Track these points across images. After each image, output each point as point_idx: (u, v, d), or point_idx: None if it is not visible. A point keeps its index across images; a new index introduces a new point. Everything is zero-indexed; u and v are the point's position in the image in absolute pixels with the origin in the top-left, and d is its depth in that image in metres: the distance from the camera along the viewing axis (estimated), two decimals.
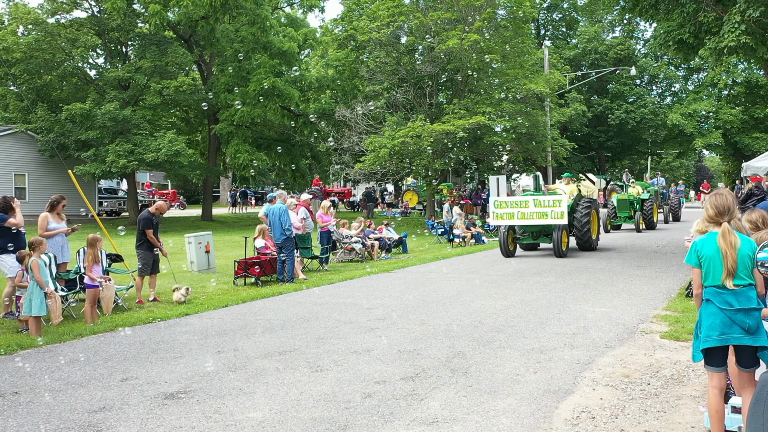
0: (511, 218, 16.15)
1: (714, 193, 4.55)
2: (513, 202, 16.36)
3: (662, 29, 17.55)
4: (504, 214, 16.21)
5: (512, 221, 16.23)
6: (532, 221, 15.98)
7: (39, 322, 8.31)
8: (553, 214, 15.64)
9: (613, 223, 24.81)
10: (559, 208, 15.60)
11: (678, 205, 30.31)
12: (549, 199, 15.79)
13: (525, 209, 15.92)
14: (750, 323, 4.18)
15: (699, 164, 76.20)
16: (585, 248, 17.19)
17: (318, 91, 33.19)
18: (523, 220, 16.06)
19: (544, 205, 15.74)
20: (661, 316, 8.72)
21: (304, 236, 14.84)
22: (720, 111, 41.89)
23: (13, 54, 27.91)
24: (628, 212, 24.74)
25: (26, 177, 31.23)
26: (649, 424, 4.92)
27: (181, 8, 28.18)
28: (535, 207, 15.81)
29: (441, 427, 4.89)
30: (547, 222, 15.86)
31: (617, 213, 24.91)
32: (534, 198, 16.03)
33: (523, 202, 16.08)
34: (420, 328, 8.28)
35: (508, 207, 16.23)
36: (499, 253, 16.88)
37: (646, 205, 24.97)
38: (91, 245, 9.22)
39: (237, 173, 38.80)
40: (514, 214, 16.06)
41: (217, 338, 7.99)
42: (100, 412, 5.35)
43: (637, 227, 23.90)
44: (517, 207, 16.13)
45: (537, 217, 15.83)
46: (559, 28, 49.42)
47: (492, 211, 16.66)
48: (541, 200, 15.85)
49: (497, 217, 16.39)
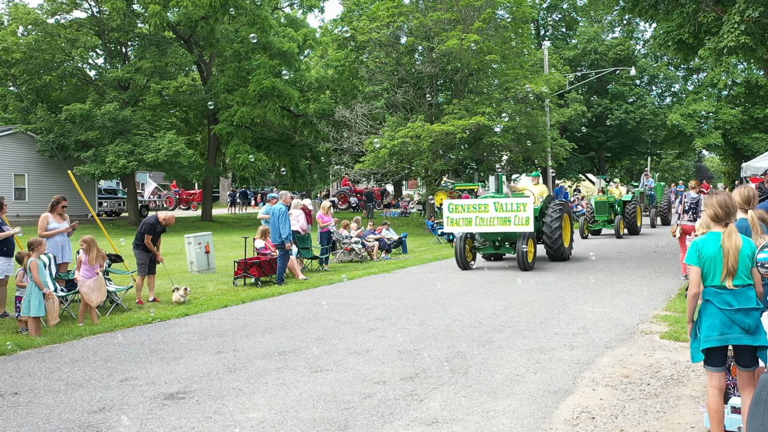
0: (469, 225, 13.91)
1: (714, 192, 4.56)
2: (470, 206, 14.06)
3: (662, 29, 17.55)
4: (460, 219, 13.99)
5: (469, 228, 14.02)
6: (493, 228, 13.77)
7: (38, 322, 8.30)
8: (517, 220, 13.44)
9: (591, 228, 22.78)
10: (524, 213, 13.37)
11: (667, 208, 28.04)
12: (512, 203, 13.60)
13: (484, 214, 13.71)
14: (750, 323, 4.18)
15: (699, 164, 76.22)
16: (556, 258, 15.23)
17: (318, 91, 33.22)
18: (482, 227, 13.87)
19: (507, 210, 13.51)
20: (661, 317, 8.72)
21: (304, 236, 14.85)
22: (720, 111, 41.89)
23: (12, 54, 27.94)
24: (608, 215, 22.55)
25: (26, 177, 31.22)
26: (649, 425, 4.92)
27: (181, 9, 28.20)
28: (496, 211, 13.58)
29: (441, 428, 4.89)
30: (510, 229, 13.64)
31: (595, 216, 22.75)
32: (495, 201, 13.72)
33: (482, 206, 13.79)
34: (420, 329, 8.28)
35: (465, 211, 13.98)
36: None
37: (629, 207, 22.78)
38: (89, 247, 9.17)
39: (237, 173, 38.81)
40: (472, 219, 13.84)
41: (217, 338, 7.98)
42: (100, 413, 5.35)
43: (617, 232, 21.65)
44: (475, 212, 13.85)
45: (498, 224, 13.60)
46: (558, 28, 49.43)
47: (446, 216, 14.25)
48: (503, 204, 13.60)
49: (452, 223, 14.09)
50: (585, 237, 21.86)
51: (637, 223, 22.83)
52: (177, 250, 18.02)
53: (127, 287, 10.82)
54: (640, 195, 25.58)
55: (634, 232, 22.76)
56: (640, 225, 23.31)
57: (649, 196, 27.33)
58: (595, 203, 22.90)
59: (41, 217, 10.07)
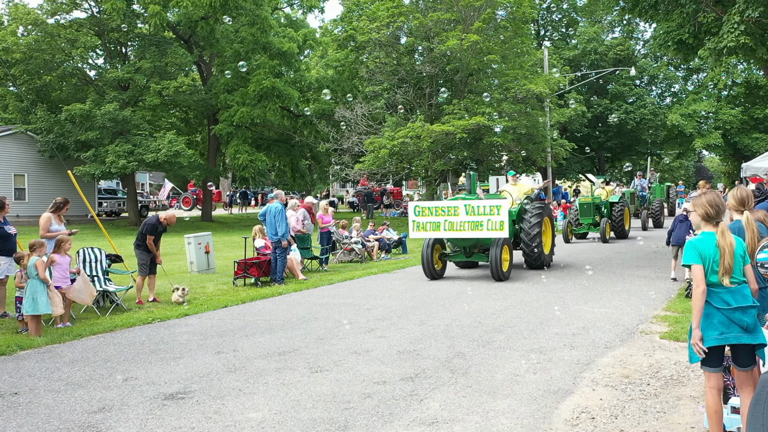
0: (437, 230, 12.56)
1: (703, 191, 4.57)
2: (438, 209, 12.60)
3: (662, 30, 17.55)
4: (427, 224, 12.61)
5: (437, 234, 12.66)
6: (463, 234, 12.40)
7: (39, 322, 8.31)
8: (490, 225, 12.07)
9: (576, 231, 21.17)
10: (497, 217, 12.01)
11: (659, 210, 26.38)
12: (485, 205, 12.19)
13: (454, 218, 12.34)
14: (748, 321, 4.19)
15: (699, 165, 76.23)
16: (535, 266, 13.77)
17: (318, 91, 33.23)
18: (451, 233, 12.53)
19: (479, 213, 12.15)
20: (661, 317, 8.72)
21: (304, 237, 14.85)
22: (719, 111, 41.90)
23: (12, 54, 27.95)
24: (592, 218, 20.87)
25: (26, 177, 31.22)
26: (649, 425, 4.92)
27: (181, 9, 28.21)
28: (467, 215, 12.23)
29: (441, 428, 4.89)
30: (483, 235, 12.28)
31: (579, 219, 21.11)
32: (466, 204, 12.33)
33: (452, 209, 12.41)
34: (420, 329, 8.28)
35: (432, 215, 12.57)
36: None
37: (616, 209, 21.11)
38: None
39: (237, 174, 38.83)
40: (440, 224, 12.48)
41: (217, 339, 7.98)
42: (100, 413, 5.35)
43: (602, 236, 20.06)
44: (443, 215, 12.47)
45: (470, 229, 12.25)
46: (558, 28, 49.44)
47: (411, 220, 12.84)
48: (475, 206, 12.21)
49: (418, 228, 12.72)
50: (568, 241, 20.37)
51: (624, 227, 21.18)
52: (177, 250, 18.02)
53: (127, 287, 10.82)
54: (630, 196, 24.53)
55: (622, 236, 21.09)
56: (628, 228, 21.68)
57: (641, 197, 26.06)
58: (579, 205, 21.37)
59: (44, 217, 9.85)
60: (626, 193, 24.33)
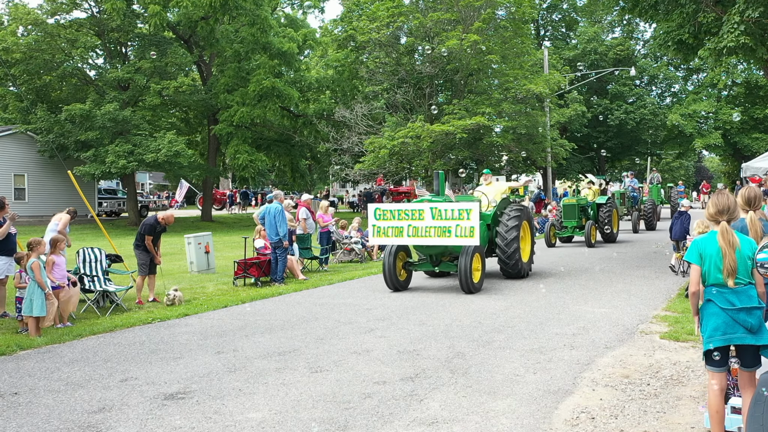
0: (399, 235, 11.18)
1: (716, 192, 4.60)
2: (402, 212, 11.17)
3: (662, 30, 17.55)
4: (388, 228, 11.23)
5: (400, 240, 11.27)
6: (429, 240, 11.04)
7: (39, 322, 8.30)
8: (459, 231, 10.73)
9: (559, 234, 19.77)
10: (467, 222, 10.67)
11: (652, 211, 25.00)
12: (454, 209, 10.83)
13: (419, 222, 10.99)
14: (752, 322, 4.18)
15: (699, 165, 76.26)
16: (513, 276, 12.51)
17: (318, 91, 33.23)
18: (415, 239, 11.15)
19: (447, 217, 10.80)
20: (661, 317, 8.72)
21: (304, 236, 14.85)
22: (719, 111, 41.91)
23: (12, 54, 27.94)
24: (577, 221, 19.52)
25: (26, 177, 31.20)
26: (649, 425, 4.92)
27: (181, 9, 28.20)
28: (433, 219, 10.88)
29: (440, 428, 4.89)
30: (451, 242, 10.92)
31: (563, 222, 19.82)
32: (432, 207, 10.98)
33: (416, 212, 11.04)
34: (419, 329, 8.28)
35: (395, 218, 11.18)
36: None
37: (603, 211, 19.82)
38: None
39: (237, 174, 38.84)
40: (403, 229, 11.12)
41: (217, 339, 7.98)
42: (100, 413, 5.34)
43: (587, 240, 18.58)
44: (407, 219, 11.08)
45: (436, 235, 10.89)
46: (558, 28, 49.43)
47: (371, 225, 11.52)
48: (443, 210, 10.86)
49: (378, 234, 11.38)
50: (551, 245, 19.03)
51: (612, 230, 19.87)
52: (177, 250, 18.02)
53: (127, 287, 10.82)
54: (621, 196, 23.43)
55: (610, 240, 19.79)
56: (616, 231, 20.42)
57: (632, 198, 24.72)
58: (563, 207, 20.04)
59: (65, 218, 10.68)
60: (616, 193, 23.33)
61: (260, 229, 14.00)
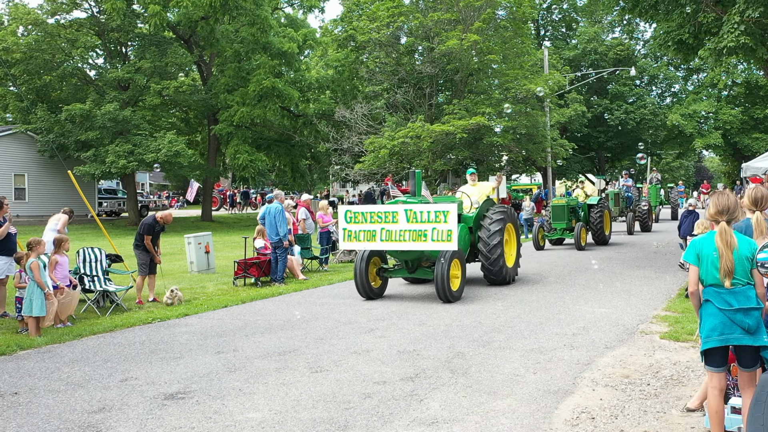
0: (371, 240, 10.41)
1: (717, 192, 4.59)
2: (374, 215, 10.40)
3: (662, 30, 17.54)
4: (360, 233, 10.46)
5: (373, 245, 10.50)
6: (404, 245, 10.27)
7: (39, 322, 8.30)
8: (436, 235, 9.99)
9: (548, 237, 19.01)
10: (444, 225, 9.93)
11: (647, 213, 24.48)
12: (430, 210, 10.09)
13: (392, 226, 10.23)
14: (750, 323, 4.18)
15: (699, 165, 76.26)
16: (497, 282, 11.80)
17: (318, 91, 33.21)
18: (389, 243, 10.36)
19: (423, 220, 10.07)
20: (661, 317, 8.72)
21: (304, 236, 14.85)
22: (720, 111, 41.91)
23: (13, 54, 27.96)
24: (566, 222, 18.74)
25: (26, 177, 31.22)
26: (649, 425, 4.92)
27: (181, 9, 28.20)
28: (408, 222, 10.15)
29: (441, 428, 4.89)
30: (427, 246, 10.19)
31: (552, 223, 19.01)
32: (407, 209, 10.24)
33: (390, 214, 10.28)
34: (419, 329, 8.28)
35: (367, 222, 10.43)
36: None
37: (594, 212, 19.18)
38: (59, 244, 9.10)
39: (237, 174, 38.84)
40: (376, 232, 10.35)
41: (217, 339, 7.98)
42: (100, 413, 5.35)
43: (577, 243, 17.89)
44: (380, 222, 10.34)
45: (411, 239, 10.14)
46: (558, 28, 49.42)
47: (342, 228, 10.74)
48: (418, 212, 10.11)
49: (350, 238, 10.58)
50: (539, 248, 18.34)
51: (604, 232, 19.16)
52: (177, 250, 18.03)
53: (127, 287, 10.82)
54: (614, 197, 22.83)
55: (602, 242, 19.07)
56: (609, 233, 19.62)
57: (626, 199, 24.06)
58: (552, 208, 19.12)
59: (63, 218, 10.65)
60: (610, 193, 22.83)
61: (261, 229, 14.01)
